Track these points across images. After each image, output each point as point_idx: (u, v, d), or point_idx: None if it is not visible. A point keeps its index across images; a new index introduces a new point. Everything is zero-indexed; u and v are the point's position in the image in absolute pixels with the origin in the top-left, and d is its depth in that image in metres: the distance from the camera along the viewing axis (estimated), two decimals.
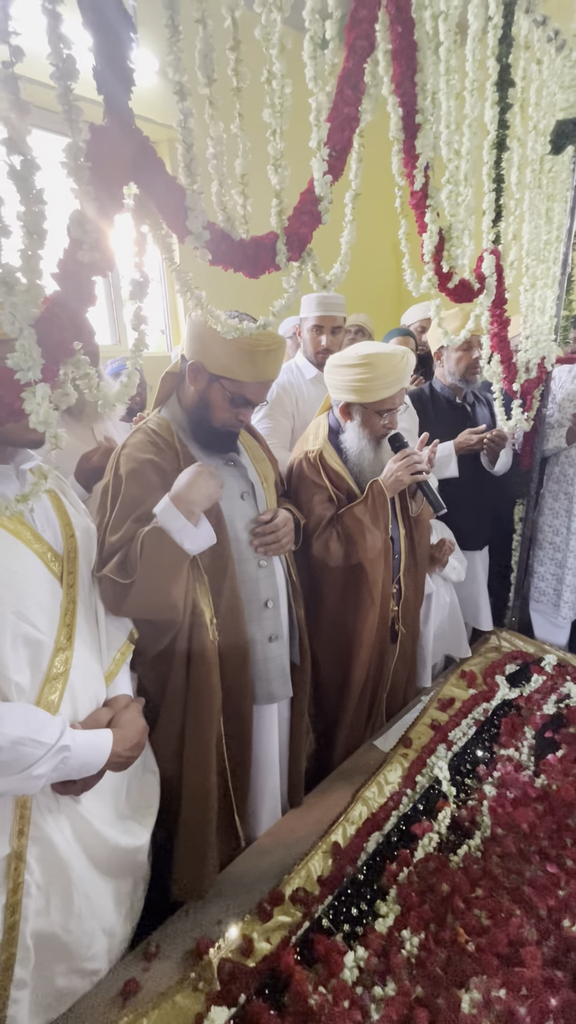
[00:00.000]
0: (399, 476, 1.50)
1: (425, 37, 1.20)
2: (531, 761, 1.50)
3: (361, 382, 1.44)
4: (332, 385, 1.54)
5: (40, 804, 0.91)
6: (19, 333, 0.66)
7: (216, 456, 1.28)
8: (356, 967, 1.01)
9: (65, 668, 0.92)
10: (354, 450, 1.55)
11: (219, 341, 1.09)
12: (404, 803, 1.39)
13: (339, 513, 1.53)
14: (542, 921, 1.06)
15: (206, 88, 0.82)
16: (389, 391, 1.46)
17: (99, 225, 0.71)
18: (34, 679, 0.89)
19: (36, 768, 0.81)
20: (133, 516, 1.13)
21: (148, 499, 1.14)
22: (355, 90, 1.05)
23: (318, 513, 1.51)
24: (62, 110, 0.69)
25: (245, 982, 0.99)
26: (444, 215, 1.37)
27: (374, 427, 1.53)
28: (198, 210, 0.79)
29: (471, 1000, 0.92)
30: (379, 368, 1.42)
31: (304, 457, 1.57)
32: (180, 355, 1.25)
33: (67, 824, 0.95)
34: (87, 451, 1.50)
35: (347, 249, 1.08)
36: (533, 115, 1.75)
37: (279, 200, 0.93)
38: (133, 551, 1.08)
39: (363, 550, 1.49)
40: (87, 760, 0.90)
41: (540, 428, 2.12)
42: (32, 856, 0.89)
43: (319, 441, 1.59)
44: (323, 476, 1.54)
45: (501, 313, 1.75)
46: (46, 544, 0.95)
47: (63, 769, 0.86)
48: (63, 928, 0.94)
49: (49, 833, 0.91)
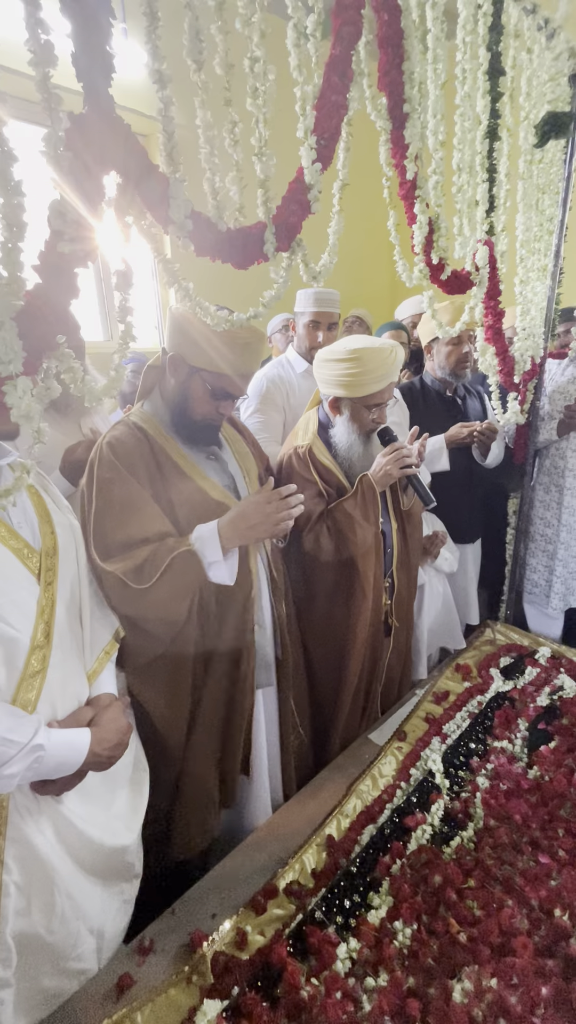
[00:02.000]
0: (388, 470, 1.50)
1: (412, 25, 1.19)
2: (524, 753, 1.51)
3: (350, 377, 1.43)
4: (321, 379, 1.53)
5: (19, 805, 0.89)
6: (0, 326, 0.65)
7: (198, 449, 1.28)
8: (349, 958, 1.01)
9: (43, 666, 0.91)
10: (343, 444, 1.55)
11: (199, 334, 1.09)
12: (398, 796, 1.39)
13: (329, 508, 1.53)
14: (534, 911, 1.06)
15: (196, 74, 0.81)
16: (378, 386, 1.45)
17: (80, 215, 0.70)
18: (10, 677, 0.87)
19: (8, 767, 0.80)
20: (143, 516, 1.14)
21: (131, 492, 1.14)
22: (343, 77, 1.04)
23: (308, 508, 1.50)
24: (40, 98, 0.68)
25: (238, 975, 1.00)
26: (432, 206, 1.37)
27: (363, 421, 1.52)
28: (180, 199, 0.78)
29: (463, 990, 0.92)
30: (368, 363, 1.41)
31: (293, 452, 1.57)
32: (162, 348, 1.24)
33: (48, 825, 0.93)
34: (71, 445, 1.48)
35: (335, 240, 1.07)
36: (524, 104, 1.73)
37: (264, 190, 0.92)
38: (155, 562, 1.10)
39: (354, 544, 1.49)
40: (63, 760, 0.88)
41: (533, 421, 2.12)
42: (10, 856, 0.87)
43: (308, 436, 1.58)
44: (312, 471, 1.53)
45: (495, 305, 1.74)
46: (22, 540, 0.93)
47: (37, 768, 0.85)
48: (46, 929, 0.92)
49: (28, 834, 0.89)
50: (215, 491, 1.25)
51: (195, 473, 1.24)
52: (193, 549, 1.13)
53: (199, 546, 1.14)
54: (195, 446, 1.27)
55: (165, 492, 1.20)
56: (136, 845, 1.12)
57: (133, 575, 1.08)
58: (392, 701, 1.83)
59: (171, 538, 1.17)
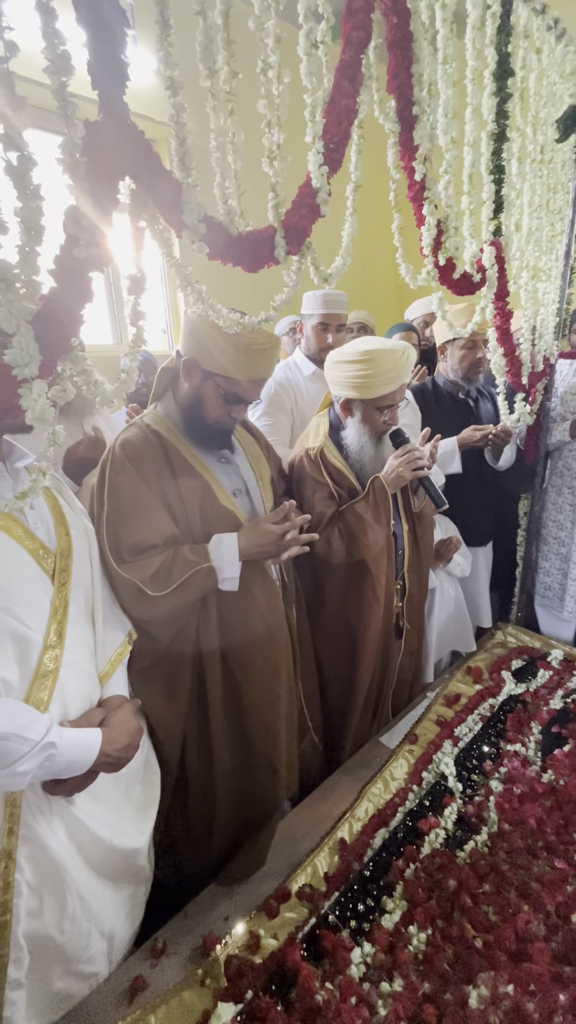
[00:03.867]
0: (400, 472, 1.49)
1: (421, 27, 1.19)
2: (538, 756, 1.49)
3: (362, 378, 1.43)
4: (332, 381, 1.53)
5: (32, 804, 0.89)
6: (16, 329, 0.66)
7: (210, 452, 1.28)
8: (363, 963, 1.00)
9: (55, 666, 0.91)
10: (355, 446, 1.54)
11: (214, 339, 1.09)
12: (410, 799, 1.38)
13: (341, 510, 1.52)
14: (550, 917, 1.05)
15: (207, 80, 0.82)
16: (390, 387, 1.45)
17: (95, 221, 0.71)
18: (23, 676, 0.88)
19: (21, 764, 0.80)
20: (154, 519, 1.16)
21: (141, 495, 1.16)
22: (352, 82, 1.05)
23: (319, 510, 1.50)
24: (57, 106, 0.69)
25: (252, 978, 0.99)
26: (441, 207, 1.36)
27: (375, 423, 1.52)
28: (193, 203, 0.79)
29: (479, 996, 0.91)
30: (380, 364, 1.41)
31: (304, 454, 1.56)
32: (176, 351, 1.25)
33: (61, 826, 0.94)
34: (72, 444, 1.49)
35: (348, 242, 1.07)
36: (533, 105, 1.73)
37: (275, 193, 0.93)
38: (172, 572, 1.13)
39: (365, 547, 1.49)
40: (74, 759, 0.89)
41: (544, 422, 2.10)
42: (22, 856, 0.87)
43: (320, 438, 1.58)
44: (324, 473, 1.53)
45: (503, 306, 1.73)
46: (38, 541, 0.95)
47: (49, 767, 0.85)
48: (57, 929, 0.93)
49: (40, 834, 0.90)
50: (223, 497, 1.26)
51: (207, 476, 1.25)
52: (213, 567, 1.16)
53: (218, 563, 1.17)
54: (207, 449, 1.27)
55: (177, 494, 1.20)
56: (147, 848, 1.12)
57: (150, 582, 1.10)
58: (403, 704, 1.82)
59: (185, 546, 1.18)
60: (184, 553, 1.16)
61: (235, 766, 1.32)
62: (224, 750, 1.29)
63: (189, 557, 1.15)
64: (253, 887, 1.23)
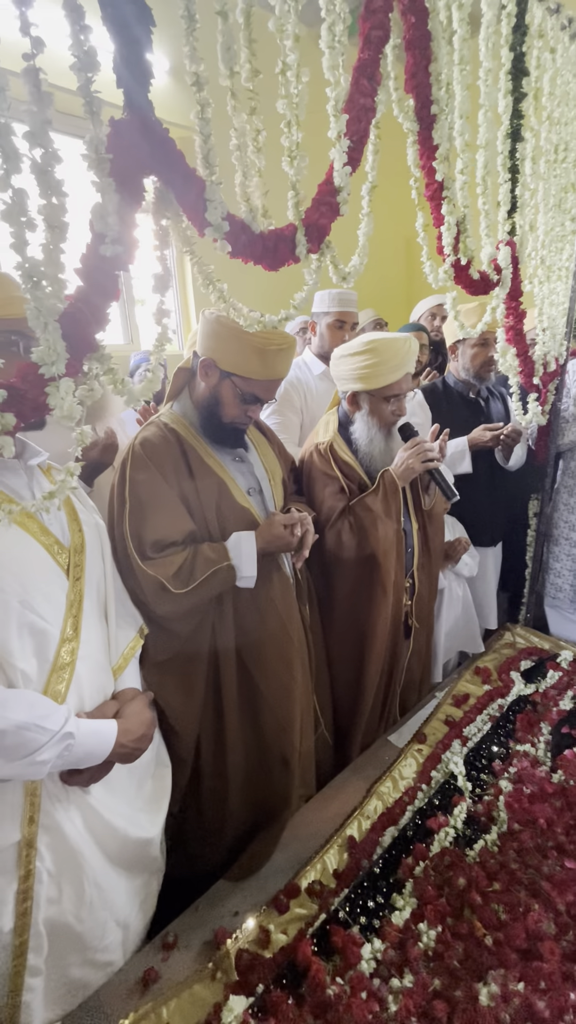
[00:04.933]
0: (410, 464, 1.50)
1: (439, 27, 1.19)
2: (548, 757, 1.49)
3: (367, 368, 1.44)
4: (338, 377, 1.54)
5: (50, 792, 0.91)
6: (44, 328, 0.66)
7: (225, 451, 1.29)
8: (373, 959, 1.01)
9: (71, 659, 0.93)
10: (364, 440, 1.55)
11: (231, 339, 1.10)
12: (419, 798, 1.38)
13: (351, 504, 1.52)
14: (560, 916, 1.05)
15: (227, 80, 0.83)
16: (395, 375, 1.45)
17: (121, 219, 0.71)
18: (41, 668, 0.89)
19: (40, 754, 0.82)
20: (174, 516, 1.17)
21: (161, 493, 1.17)
22: (371, 80, 1.05)
23: (330, 504, 1.51)
24: (83, 102, 0.69)
25: (263, 972, 1.00)
26: (459, 206, 1.37)
27: (383, 415, 1.52)
28: (217, 201, 0.80)
29: (489, 993, 0.91)
30: (383, 353, 1.42)
31: (315, 449, 1.57)
32: (192, 351, 1.25)
33: (77, 814, 0.95)
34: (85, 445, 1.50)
35: (365, 241, 1.08)
36: (547, 104, 1.72)
37: (296, 192, 0.93)
38: (193, 570, 1.15)
39: (375, 540, 1.49)
40: (91, 749, 0.91)
41: (555, 422, 2.10)
42: (43, 844, 0.89)
43: (329, 433, 1.59)
44: (334, 467, 1.54)
45: (517, 306, 1.73)
46: (53, 537, 0.96)
47: (67, 756, 0.87)
48: (75, 917, 0.94)
49: (59, 821, 0.92)
50: (239, 495, 1.27)
51: (224, 475, 1.26)
52: (233, 564, 1.18)
53: (237, 561, 1.19)
54: (222, 447, 1.28)
55: (194, 492, 1.22)
56: (160, 839, 1.14)
57: (173, 579, 1.13)
58: (411, 704, 1.82)
59: (204, 544, 1.20)
60: (204, 551, 1.17)
61: (248, 760, 1.33)
62: (238, 744, 1.30)
63: (209, 555, 1.17)
64: (262, 883, 1.24)
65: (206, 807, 1.33)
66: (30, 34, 0.65)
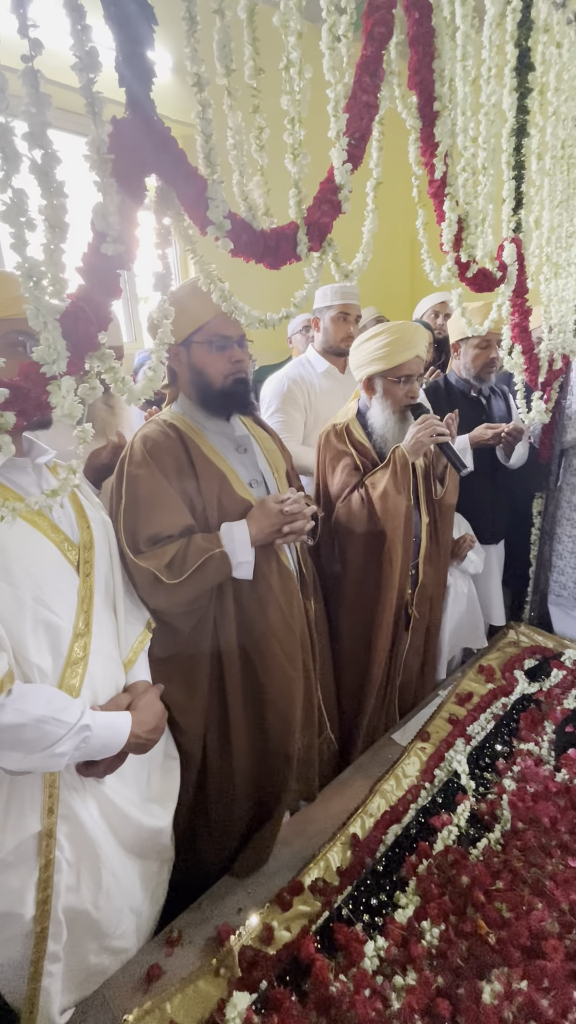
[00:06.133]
0: (420, 438, 1.55)
1: (443, 22, 1.18)
2: (551, 756, 1.49)
3: (383, 348, 1.55)
4: (356, 364, 1.64)
5: (67, 783, 0.93)
6: (44, 326, 0.67)
7: (228, 443, 1.30)
8: (376, 956, 1.01)
9: (84, 654, 0.95)
10: (379, 423, 1.62)
11: (168, 312, 1.10)
12: (423, 796, 1.38)
13: (363, 478, 1.59)
14: (564, 915, 1.05)
15: (224, 79, 0.82)
16: (408, 354, 1.55)
17: (123, 218, 0.71)
18: (55, 663, 0.91)
19: (59, 746, 0.84)
20: (170, 511, 1.17)
21: (158, 488, 1.18)
22: (374, 77, 1.04)
23: (343, 479, 1.59)
24: (85, 103, 0.69)
25: (266, 969, 1.00)
26: (461, 203, 1.36)
27: (396, 396, 1.60)
28: (219, 200, 0.79)
29: (492, 991, 0.92)
30: (396, 333, 1.56)
31: (331, 428, 1.66)
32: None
33: (93, 803, 0.98)
34: (96, 448, 1.51)
35: (369, 238, 1.07)
36: (553, 100, 1.71)
37: (298, 190, 0.93)
38: (186, 560, 1.14)
39: (385, 513, 1.53)
40: (107, 740, 0.93)
41: (559, 420, 2.08)
42: (62, 834, 0.92)
43: (347, 417, 1.68)
44: (348, 445, 1.62)
45: (522, 303, 1.72)
46: (62, 534, 0.97)
47: (85, 748, 0.89)
48: (93, 904, 0.97)
49: (77, 811, 0.94)
50: (240, 487, 1.27)
51: (225, 467, 1.27)
52: (225, 552, 1.17)
53: (230, 548, 1.18)
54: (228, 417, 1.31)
55: (195, 486, 1.22)
56: (170, 828, 1.16)
57: (167, 570, 1.12)
58: (411, 701, 1.82)
59: (198, 535, 1.20)
60: (197, 540, 1.18)
61: (252, 755, 1.33)
62: (242, 740, 1.30)
63: (202, 544, 1.17)
64: (266, 880, 1.24)
65: (212, 803, 1.34)
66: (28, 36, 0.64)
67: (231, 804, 1.34)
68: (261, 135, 0.95)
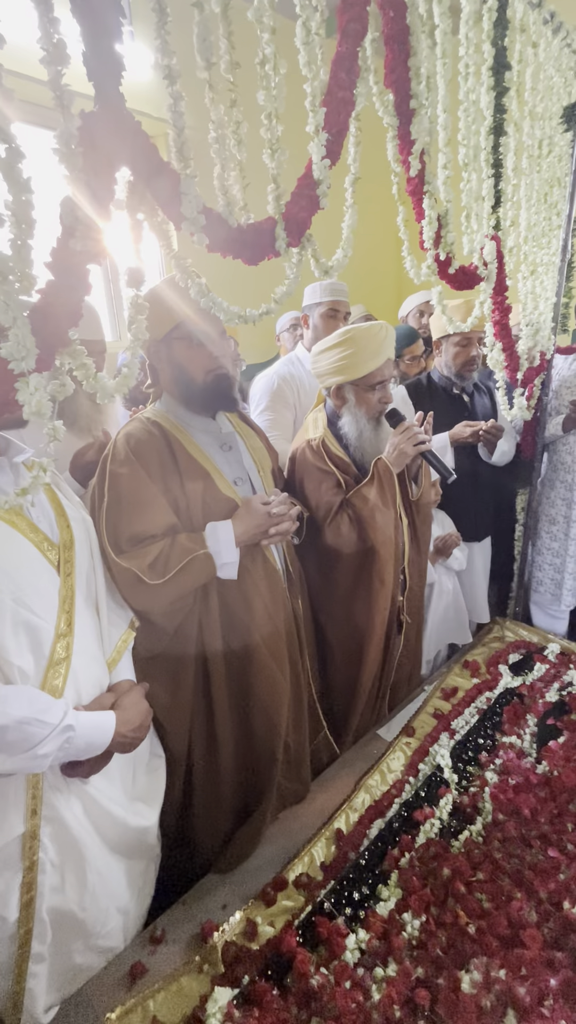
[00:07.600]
0: (403, 448, 1.49)
1: (419, 20, 1.19)
2: (533, 748, 1.50)
3: (345, 359, 1.45)
4: (319, 373, 1.54)
5: (51, 784, 0.93)
6: (12, 322, 0.66)
7: (213, 441, 1.29)
8: (358, 949, 1.02)
9: (67, 654, 0.94)
10: (353, 433, 1.54)
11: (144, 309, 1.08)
12: (407, 790, 1.39)
13: (348, 497, 1.52)
14: (542, 904, 1.06)
15: (204, 72, 0.82)
16: (375, 362, 1.46)
17: (91, 212, 0.71)
18: (37, 664, 0.90)
19: (42, 747, 0.83)
20: (153, 510, 1.16)
21: (141, 487, 1.16)
22: (349, 74, 1.04)
23: (328, 500, 1.50)
24: (53, 96, 0.69)
25: (249, 964, 1.01)
26: (440, 201, 1.37)
27: (370, 404, 1.52)
28: (192, 195, 0.79)
29: (471, 980, 0.93)
30: (360, 341, 1.43)
31: (307, 445, 1.56)
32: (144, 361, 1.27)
33: (78, 803, 0.97)
34: (81, 447, 1.49)
35: (349, 234, 1.08)
36: (529, 99, 1.73)
37: (276, 185, 0.93)
38: (169, 560, 1.13)
39: (375, 530, 1.48)
40: (91, 740, 0.92)
41: (542, 417, 2.11)
42: (45, 835, 0.91)
43: (319, 430, 1.58)
44: (328, 462, 1.53)
45: (502, 301, 1.74)
46: (42, 534, 0.96)
47: (68, 749, 0.88)
48: (78, 905, 0.96)
49: (61, 811, 0.93)
50: (224, 486, 1.26)
51: (209, 465, 1.26)
52: (210, 552, 1.17)
53: (215, 548, 1.17)
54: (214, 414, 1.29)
55: (179, 484, 1.21)
56: (156, 827, 1.16)
57: (149, 571, 1.11)
58: (400, 700, 1.83)
59: (182, 534, 1.19)
60: (181, 541, 1.16)
61: (238, 754, 1.33)
62: (228, 739, 1.30)
63: (186, 544, 1.16)
64: (251, 876, 1.24)
65: (199, 801, 1.34)
66: None
67: (217, 802, 1.34)
68: (239, 129, 0.95)
